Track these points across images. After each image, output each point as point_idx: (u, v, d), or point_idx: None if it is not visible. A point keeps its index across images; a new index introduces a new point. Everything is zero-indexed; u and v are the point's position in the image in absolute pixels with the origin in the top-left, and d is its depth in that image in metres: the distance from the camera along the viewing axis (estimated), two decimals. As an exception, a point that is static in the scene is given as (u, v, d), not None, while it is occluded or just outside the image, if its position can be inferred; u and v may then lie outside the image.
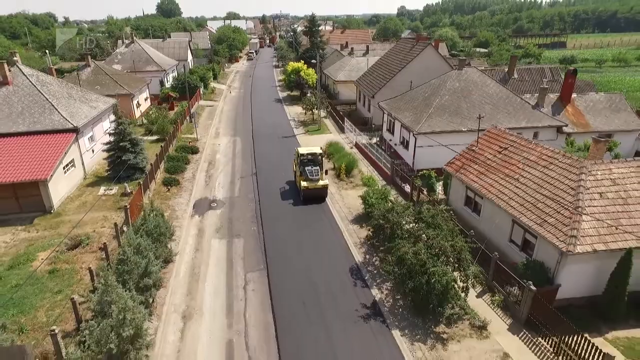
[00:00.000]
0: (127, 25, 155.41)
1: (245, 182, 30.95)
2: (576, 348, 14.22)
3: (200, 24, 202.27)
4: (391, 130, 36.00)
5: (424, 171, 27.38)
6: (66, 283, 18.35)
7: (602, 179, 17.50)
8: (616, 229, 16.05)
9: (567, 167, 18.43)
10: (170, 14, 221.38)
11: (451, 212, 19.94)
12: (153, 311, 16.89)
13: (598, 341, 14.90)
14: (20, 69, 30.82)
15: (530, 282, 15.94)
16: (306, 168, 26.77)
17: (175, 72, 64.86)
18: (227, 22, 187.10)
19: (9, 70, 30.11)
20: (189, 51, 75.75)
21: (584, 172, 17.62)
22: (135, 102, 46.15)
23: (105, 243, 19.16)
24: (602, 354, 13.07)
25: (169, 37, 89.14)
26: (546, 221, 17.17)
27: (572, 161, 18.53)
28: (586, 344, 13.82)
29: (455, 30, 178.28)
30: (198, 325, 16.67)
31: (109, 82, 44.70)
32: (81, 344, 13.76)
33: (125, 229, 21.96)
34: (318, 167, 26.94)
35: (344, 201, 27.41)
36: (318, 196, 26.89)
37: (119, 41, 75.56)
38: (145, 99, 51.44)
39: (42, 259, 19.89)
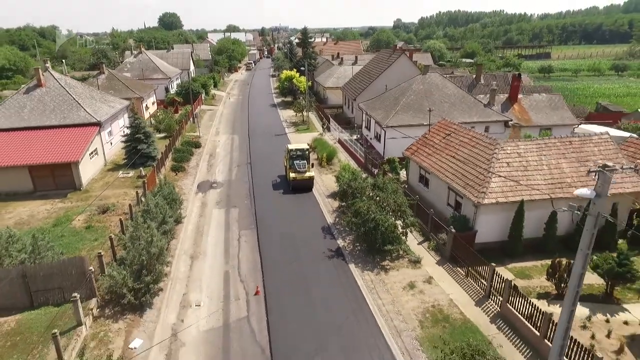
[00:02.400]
0: (130, 37, 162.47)
1: (241, 170, 36.39)
2: (481, 271, 19.50)
3: (201, 36, 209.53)
4: (368, 127, 41.60)
5: (390, 157, 32.84)
6: (100, 234, 23.67)
7: (510, 153, 22.95)
8: (515, 187, 21.47)
9: (487, 145, 23.89)
10: (171, 26, 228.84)
11: (404, 184, 25.31)
12: (167, 253, 22.13)
13: (499, 269, 20.08)
14: (51, 74, 36.47)
15: (452, 227, 21.31)
16: (295, 162, 31.74)
17: (179, 79, 70.65)
18: (227, 34, 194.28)
19: (42, 75, 35.71)
20: (191, 61, 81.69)
21: (497, 147, 23.10)
22: (144, 105, 51.76)
23: (130, 204, 24.55)
24: (491, 268, 18.32)
25: (172, 48, 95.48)
26: (468, 184, 22.58)
27: (491, 140, 24.03)
28: (487, 267, 19.07)
29: (448, 41, 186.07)
30: (202, 262, 21.97)
31: (121, 87, 50.36)
32: (119, 266, 18.96)
33: (143, 199, 27.27)
34: (305, 161, 31.79)
35: (323, 182, 32.82)
36: (305, 186, 31.70)
37: (127, 52, 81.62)
38: (153, 103, 57.12)
39: (78, 219, 25.22)
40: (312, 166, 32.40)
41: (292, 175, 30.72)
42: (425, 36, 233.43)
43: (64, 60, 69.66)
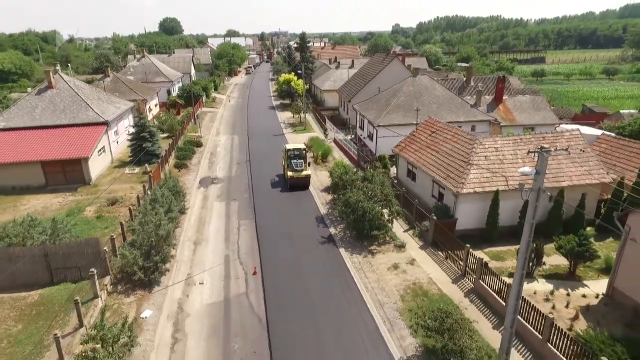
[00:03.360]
0: (131, 42, 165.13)
1: (241, 167, 38.39)
2: (459, 254, 21.44)
3: (201, 40, 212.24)
4: (362, 127, 43.66)
5: (381, 155, 34.84)
6: (110, 223, 25.62)
7: (488, 147, 24.96)
8: (492, 178, 23.46)
9: (467, 141, 25.90)
10: (172, 31, 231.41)
11: (394, 179, 27.24)
12: (173, 236, 24.04)
13: (477, 253, 21.97)
14: (61, 76, 38.53)
15: (434, 215, 23.28)
16: (292, 161, 33.43)
17: (181, 82, 72.77)
18: (227, 39, 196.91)
19: (53, 77, 37.77)
20: (192, 65, 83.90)
21: (476, 142, 25.11)
22: (147, 106, 53.79)
23: (138, 195, 26.50)
24: (466, 249, 20.27)
25: (173, 52, 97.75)
26: (449, 176, 24.58)
27: (471, 136, 26.05)
28: (464, 250, 21.00)
29: (445, 46, 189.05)
30: (205, 247, 23.92)
31: (125, 89, 52.43)
32: (130, 247, 20.85)
33: (149, 192, 29.22)
34: (302, 160, 33.42)
35: (318, 178, 34.80)
36: (302, 184, 33.20)
37: (129, 56, 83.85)
38: (156, 105, 59.22)
39: (89, 209, 27.16)
40: (309, 165, 34.14)
41: (289, 173, 32.24)
42: (423, 41, 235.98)
43: (69, 64, 71.77)
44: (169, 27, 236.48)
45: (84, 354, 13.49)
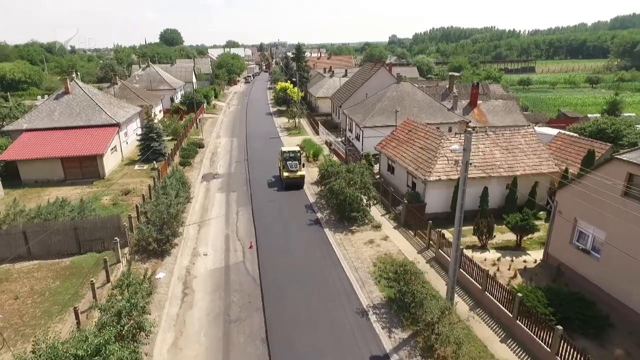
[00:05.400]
0: (133, 52, 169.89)
1: (240, 165, 42.19)
2: (425, 231, 25.14)
3: (201, 51, 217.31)
4: (351, 129, 47.60)
5: (367, 153, 38.71)
6: (125, 209, 29.28)
7: (454, 142, 28.79)
8: (455, 168, 27.25)
9: (436, 137, 29.77)
10: (172, 42, 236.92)
11: (377, 174, 30.94)
12: (181, 218, 27.70)
13: (443, 231, 25.61)
14: (76, 83, 42.49)
15: (406, 200, 27.04)
16: (288, 162, 36.70)
17: (183, 90, 76.88)
18: (227, 49, 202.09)
19: (69, 84, 41.70)
20: (193, 74, 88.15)
21: (443, 138, 28.97)
22: (153, 112, 57.68)
23: (149, 185, 30.24)
24: (429, 225, 23.99)
25: (175, 62, 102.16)
26: (420, 167, 28.40)
27: (440, 133, 29.92)
28: (429, 227, 24.70)
29: (440, 56, 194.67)
30: (208, 228, 27.59)
31: (132, 96, 56.40)
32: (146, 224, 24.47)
33: (158, 183, 32.93)
34: (297, 162, 36.50)
35: (308, 174, 38.47)
36: (297, 184, 36.12)
37: (134, 66, 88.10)
38: (160, 111, 63.18)
39: (105, 198, 30.85)
40: (303, 166, 37.53)
41: (285, 174, 34.99)
42: (419, 51, 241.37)
43: (78, 73, 75.94)
44: (170, 38, 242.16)
45: (115, 296, 17.10)
